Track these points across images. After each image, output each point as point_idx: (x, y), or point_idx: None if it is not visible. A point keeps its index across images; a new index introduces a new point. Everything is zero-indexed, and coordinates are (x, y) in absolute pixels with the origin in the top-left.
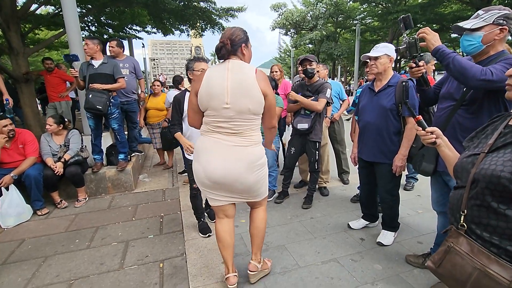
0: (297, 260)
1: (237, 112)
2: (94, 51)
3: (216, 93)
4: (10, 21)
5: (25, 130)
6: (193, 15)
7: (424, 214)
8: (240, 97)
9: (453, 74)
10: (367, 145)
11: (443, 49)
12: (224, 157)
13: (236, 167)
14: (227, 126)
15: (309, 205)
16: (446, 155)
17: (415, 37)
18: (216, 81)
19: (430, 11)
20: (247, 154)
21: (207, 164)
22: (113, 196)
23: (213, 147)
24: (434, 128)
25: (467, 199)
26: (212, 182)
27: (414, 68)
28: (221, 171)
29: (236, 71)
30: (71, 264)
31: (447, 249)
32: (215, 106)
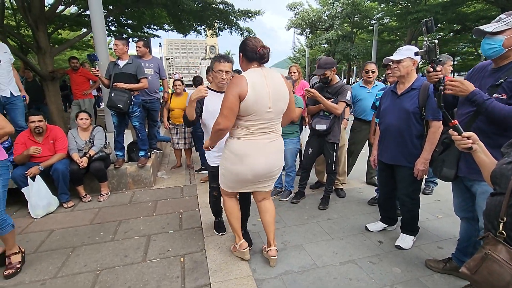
0: (315, 260)
1: (276, 114)
2: (122, 52)
3: (262, 99)
4: (39, 22)
5: (57, 127)
6: (211, 15)
7: (444, 219)
8: (278, 101)
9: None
10: (388, 147)
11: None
12: (267, 154)
13: (276, 158)
14: (266, 126)
15: (326, 206)
16: (482, 161)
17: (435, 42)
18: (261, 88)
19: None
20: (279, 145)
21: (254, 165)
22: (134, 191)
23: (256, 149)
24: (470, 133)
25: (507, 207)
26: (257, 177)
27: (431, 73)
28: (266, 166)
29: (271, 78)
30: (97, 255)
31: (484, 256)
32: (260, 111)
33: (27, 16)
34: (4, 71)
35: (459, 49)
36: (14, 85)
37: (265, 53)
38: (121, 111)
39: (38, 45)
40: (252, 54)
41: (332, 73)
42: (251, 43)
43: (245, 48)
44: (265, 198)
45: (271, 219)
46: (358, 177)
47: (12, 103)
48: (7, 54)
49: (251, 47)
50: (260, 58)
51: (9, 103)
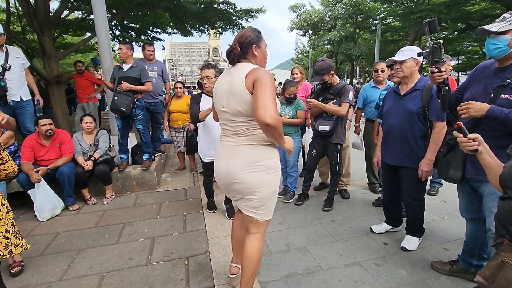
0: (319, 262)
1: (232, 114)
2: (127, 56)
3: (218, 97)
4: (44, 27)
5: (63, 130)
6: (213, 16)
7: (450, 220)
8: (231, 99)
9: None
10: (391, 149)
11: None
12: (226, 157)
13: (235, 165)
14: (228, 127)
15: (329, 208)
16: (487, 163)
17: (439, 42)
18: (218, 86)
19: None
20: (247, 152)
21: (216, 167)
22: (138, 194)
23: (219, 150)
24: (475, 135)
25: None
26: (221, 184)
27: (436, 73)
28: (224, 170)
29: (234, 74)
30: (102, 258)
31: (500, 264)
32: (217, 109)
33: (32, 21)
34: (15, 76)
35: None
36: (25, 90)
37: (227, 52)
38: (124, 114)
39: (44, 50)
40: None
41: (330, 77)
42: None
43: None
44: (248, 228)
45: (244, 261)
46: (362, 178)
47: (22, 108)
48: (19, 59)
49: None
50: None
51: (19, 107)
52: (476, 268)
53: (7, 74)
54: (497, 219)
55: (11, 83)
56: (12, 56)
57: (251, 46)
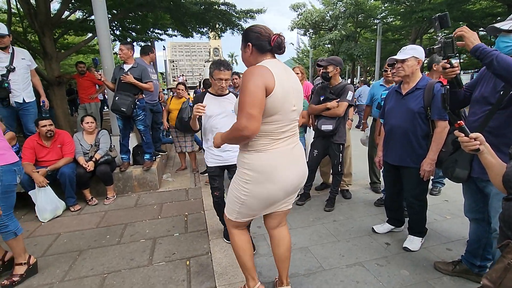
0: (321, 263)
1: (298, 113)
2: (127, 56)
3: (288, 95)
4: (45, 28)
5: (64, 131)
6: (213, 17)
7: (452, 220)
8: (299, 98)
9: (498, 72)
10: (393, 148)
11: (483, 47)
12: (293, 162)
13: (303, 164)
14: (289, 129)
15: (331, 208)
16: (489, 163)
17: (452, 37)
18: (285, 83)
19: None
20: (301, 148)
21: (287, 179)
22: (139, 194)
23: (285, 159)
24: (477, 134)
25: None
26: (289, 193)
27: (448, 69)
28: (296, 177)
29: (289, 71)
30: (103, 259)
31: (507, 267)
32: (286, 110)
33: (34, 22)
34: (19, 78)
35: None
36: (28, 92)
37: (283, 41)
38: (125, 115)
39: (45, 51)
40: (265, 43)
41: (334, 71)
42: (263, 30)
43: (256, 36)
44: (281, 223)
45: (287, 253)
46: (364, 178)
47: (25, 109)
48: (24, 61)
49: (264, 35)
50: (278, 48)
51: (21, 108)
52: (480, 268)
53: (11, 76)
54: (502, 220)
55: (15, 85)
56: (17, 57)
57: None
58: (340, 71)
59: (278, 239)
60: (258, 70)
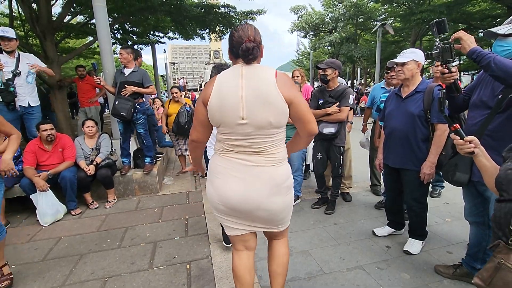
0: (321, 266)
1: (256, 127)
2: (128, 60)
3: (230, 106)
4: (46, 32)
5: (65, 135)
6: (213, 20)
7: (453, 223)
8: (258, 110)
9: (496, 74)
10: (393, 151)
11: (480, 50)
12: (244, 180)
13: (258, 191)
14: (245, 144)
15: (332, 211)
16: (483, 166)
17: (449, 42)
18: (229, 91)
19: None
20: (272, 176)
21: (223, 188)
22: (140, 197)
23: (230, 168)
24: (472, 137)
25: None
26: (229, 209)
27: (446, 74)
28: (240, 196)
29: (251, 78)
30: (104, 263)
31: (497, 266)
32: (229, 122)
33: (35, 27)
34: (24, 82)
35: None
36: (34, 96)
37: (249, 48)
38: (125, 119)
39: (46, 55)
40: (236, 49)
41: (332, 74)
42: (237, 34)
43: (231, 41)
44: (275, 236)
45: (279, 269)
46: (365, 180)
47: (29, 113)
48: (29, 65)
49: (236, 40)
50: (243, 56)
51: (26, 113)
52: None
53: (17, 80)
54: (493, 221)
55: (20, 89)
56: (22, 62)
57: (261, 45)
58: (338, 75)
59: (272, 251)
60: (208, 84)
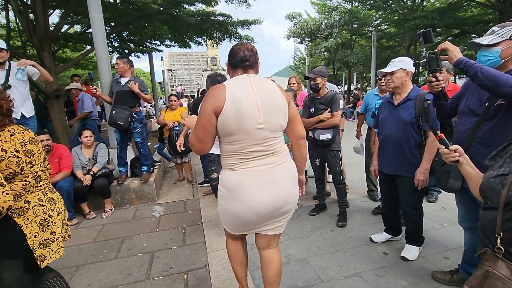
0: (319, 274)
1: (271, 131)
2: (124, 70)
3: (248, 112)
4: (44, 42)
5: (62, 145)
6: (210, 27)
7: (450, 228)
8: (272, 113)
9: (482, 83)
10: (387, 158)
11: (467, 60)
12: (269, 184)
13: (284, 188)
14: (261, 148)
15: (344, 223)
16: (468, 174)
17: (436, 52)
18: (245, 98)
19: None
20: (288, 170)
21: (255, 202)
22: (137, 207)
23: (253, 180)
24: (456, 146)
25: (502, 222)
26: (263, 216)
27: (433, 82)
28: (271, 200)
29: (260, 85)
30: (101, 274)
31: (485, 274)
32: (247, 128)
33: (32, 37)
34: (16, 94)
35: None
36: (27, 106)
37: (247, 55)
38: (122, 128)
39: (43, 64)
40: (235, 60)
41: (323, 82)
42: (236, 47)
43: (230, 53)
44: (270, 245)
45: (275, 277)
46: (362, 186)
47: (24, 124)
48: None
49: (235, 51)
50: (240, 62)
51: (21, 124)
52: None
53: (8, 92)
54: (480, 229)
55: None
56: (13, 74)
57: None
58: (326, 82)
59: (267, 262)
60: (212, 92)
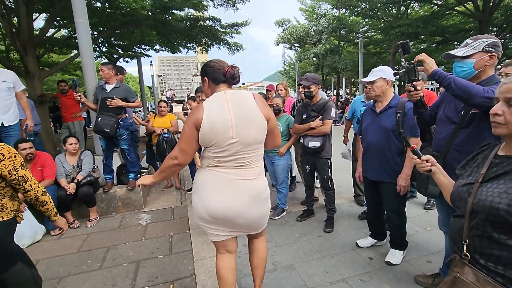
0: (305, 281)
1: (244, 145)
2: (109, 76)
3: (221, 128)
4: (28, 47)
5: (45, 153)
6: (199, 33)
7: (433, 231)
8: (245, 129)
9: (456, 93)
10: (371, 164)
11: (441, 72)
12: (227, 192)
13: (239, 202)
14: (232, 159)
15: (331, 229)
16: (441, 182)
17: (413, 63)
18: (218, 115)
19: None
20: (252, 188)
21: (208, 200)
22: (123, 215)
23: (215, 182)
24: (428, 156)
25: (468, 229)
26: (214, 218)
27: (412, 92)
28: (223, 206)
29: (235, 101)
30: (84, 286)
31: (453, 280)
32: (220, 142)
33: (15, 41)
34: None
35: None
36: (10, 115)
37: (235, 72)
38: (108, 136)
39: (27, 70)
40: (219, 75)
41: (316, 89)
42: (217, 64)
43: (211, 70)
44: (256, 236)
45: (260, 262)
46: (349, 191)
47: (6, 132)
48: (5, 83)
49: (218, 68)
50: (231, 78)
51: (2, 132)
52: None
53: None
54: (450, 236)
55: None
56: None
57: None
58: (319, 88)
59: (252, 249)
60: (194, 111)
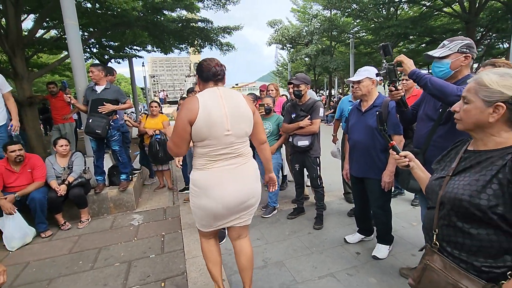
0: (294, 276)
1: (237, 137)
2: (99, 77)
3: (217, 121)
4: (16, 48)
5: (35, 155)
6: (191, 34)
7: (418, 227)
8: (238, 123)
9: (432, 92)
10: (357, 162)
11: (419, 72)
12: (235, 181)
13: (247, 183)
14: (228, 151)
15: (321, 226)
16: (419, 177)
17: (393, 64)
18: (214, 109)
19: (421, 24)
20: (250, 168)
21: (223, 196)
22: (115, 216)
23: (221, 178)
24: (406, 152)
25: (437, 219)
26: (230, 209)
27: (393, 91)
28: (238, 194)
29: (229, 98)
30: (75, 286)
31: (424, 267)
32: (217, 135)
33: (4, 43)
34: None
35: None
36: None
37: (218, 70)
38: (100, 137)
39: (15, 71)
40: (207, 74)
41: (305, 89)
42: (206, 63)
43: (201, 69)
44: (240, 236)
45: (247, 263)
46: (339, 189)
47: None
48: None
49: (205, 67)
50: (213, 76)
51: None
52: None
53: None
54: (423, 227)
55: None
56: None
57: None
58: (309, 89)
59: (239, 250)
60: (186, 102)
